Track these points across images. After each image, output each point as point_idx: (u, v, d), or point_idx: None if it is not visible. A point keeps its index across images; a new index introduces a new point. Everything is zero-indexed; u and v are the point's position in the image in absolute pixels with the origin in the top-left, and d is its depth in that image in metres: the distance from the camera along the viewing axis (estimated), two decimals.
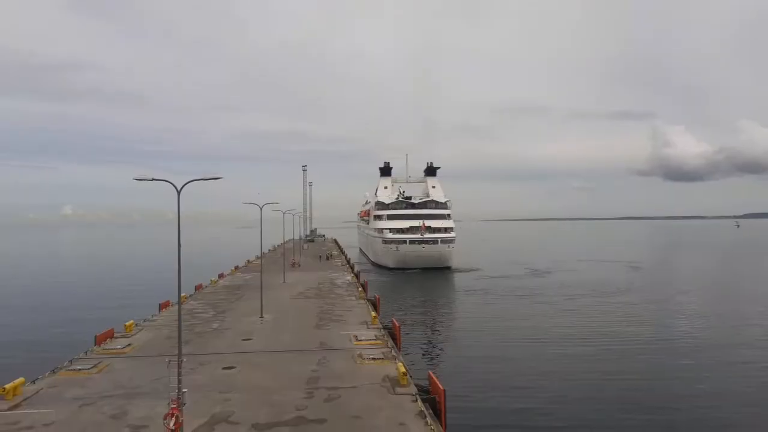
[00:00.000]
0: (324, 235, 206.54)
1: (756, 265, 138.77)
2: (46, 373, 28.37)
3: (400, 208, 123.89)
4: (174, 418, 19.47)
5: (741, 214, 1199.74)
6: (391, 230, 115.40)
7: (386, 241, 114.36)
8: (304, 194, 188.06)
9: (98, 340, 35.05)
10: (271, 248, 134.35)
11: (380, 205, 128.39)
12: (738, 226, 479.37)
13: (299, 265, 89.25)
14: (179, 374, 21.06)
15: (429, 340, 52.44)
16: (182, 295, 27.57)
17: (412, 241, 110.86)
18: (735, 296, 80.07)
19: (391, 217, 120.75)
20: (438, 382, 24.00)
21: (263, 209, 50.45)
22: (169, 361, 22.05)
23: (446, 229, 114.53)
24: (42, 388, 25.88)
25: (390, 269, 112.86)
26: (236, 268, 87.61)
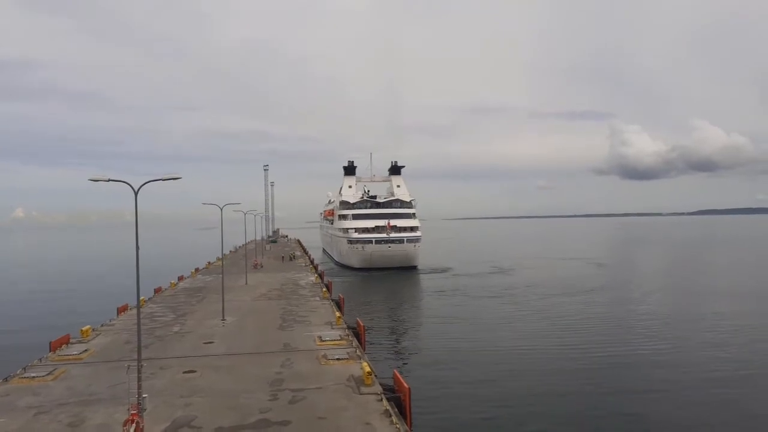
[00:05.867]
0: (287, 236, 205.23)
1: (707, 259, 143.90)
2: None
3: (366, 208, 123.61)
4: (134, 424, 19.07)
5: (694, 210, 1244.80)
6: (357, 230, 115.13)
7: (352, 241, 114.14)
8: (266, 194, 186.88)
9: (53, 347, 33.95)
10: (232, 249, 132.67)
11: (345, 205, 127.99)
12: None
13: (262, 267, 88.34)
14: (139, 379, 20.63)
15: (394, 340, 52.62)
16: (141, 298, 27.00)
17: (378, 241, 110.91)
18: (695, 291, 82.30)
19: (356, 217, 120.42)
20: (403, 381, 24.09)
21: (224, 210, 49.80)
22: (129, 366, 21.60)
23: (412, 229, 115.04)
24: None
25: (355, 269, 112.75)
26: (197, 270, 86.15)
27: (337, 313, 43.39)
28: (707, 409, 32.19)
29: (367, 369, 26.49)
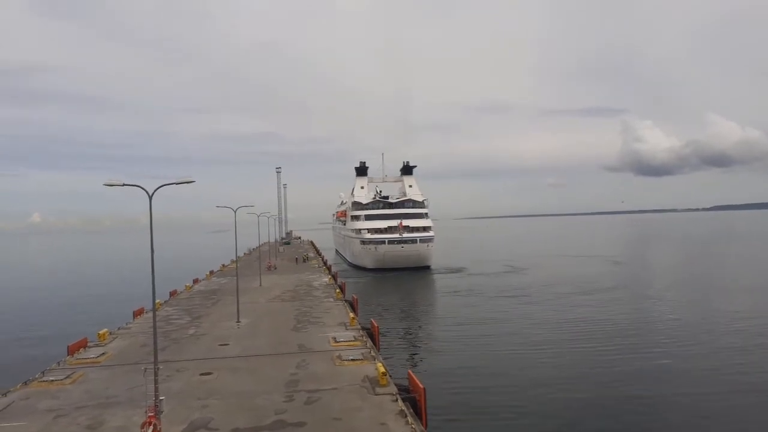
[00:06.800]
0: (300, 237, 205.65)
1: (724, 254, 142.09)
2: (18, 385, 27.70)
3: (378, 208, 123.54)
4: (152, 427, 19.22)
5: (710, 206, 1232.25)
6: (370, 230, 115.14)
7: (365, 242, 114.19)
8: (279, 196, 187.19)
9: (71, 350, 34.33)
10: (246, 252, 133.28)
11: (357, 206, 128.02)
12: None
13: (275, 268, 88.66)
14: (156, 382, 20.79)
15: (408, 340, 52.54)
16: (157, 301, 27.17)
17: (391, 241, 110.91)
18: (716, 289, 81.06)
19: (368, 217, 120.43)
20: (418, 381, 24.04)
21: (237, 212, 50.05)
22: (145, 368, 21.76)
23: (425, 228, 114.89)
24: (14, 401, 25.26)
25: (368, 270, 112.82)
26: (211, 272, 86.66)
27: (351, 314, 43.41)
28: (736, 417, 31.23)
29: (382, 369, 26.48)
